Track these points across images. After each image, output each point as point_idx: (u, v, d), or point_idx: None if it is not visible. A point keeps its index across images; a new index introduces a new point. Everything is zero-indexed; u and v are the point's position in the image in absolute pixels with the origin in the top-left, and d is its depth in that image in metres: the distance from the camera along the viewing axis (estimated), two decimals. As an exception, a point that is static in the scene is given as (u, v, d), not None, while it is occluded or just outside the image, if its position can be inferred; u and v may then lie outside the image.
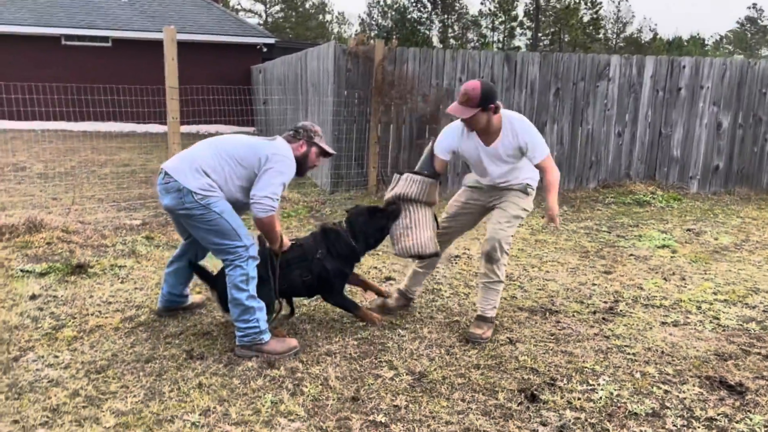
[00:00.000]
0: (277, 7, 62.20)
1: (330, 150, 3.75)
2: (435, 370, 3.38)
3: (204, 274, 3.79)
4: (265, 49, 19.33)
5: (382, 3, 61.16)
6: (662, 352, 3.72)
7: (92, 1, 19.16)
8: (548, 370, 3.42)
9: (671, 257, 5.83)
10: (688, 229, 7.02)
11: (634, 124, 9.13)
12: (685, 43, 58.95)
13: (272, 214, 3.40)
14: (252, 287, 3.43)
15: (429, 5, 60.42)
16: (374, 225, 3.92)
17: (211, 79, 15.61)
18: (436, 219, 4.04)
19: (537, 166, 3.81)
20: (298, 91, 10.99)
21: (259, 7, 61.83)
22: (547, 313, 4.32)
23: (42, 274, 4.72)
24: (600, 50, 52.60)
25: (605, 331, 4.01)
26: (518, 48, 57.32)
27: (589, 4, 56.49)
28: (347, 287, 4.22)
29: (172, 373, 3.25)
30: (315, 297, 4.17)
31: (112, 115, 15.93)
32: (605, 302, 4.57)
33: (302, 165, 3.64)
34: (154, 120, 14.30)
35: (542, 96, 8.86)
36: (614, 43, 60.89)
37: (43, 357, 3.40)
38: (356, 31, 63.51)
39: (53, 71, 16.78)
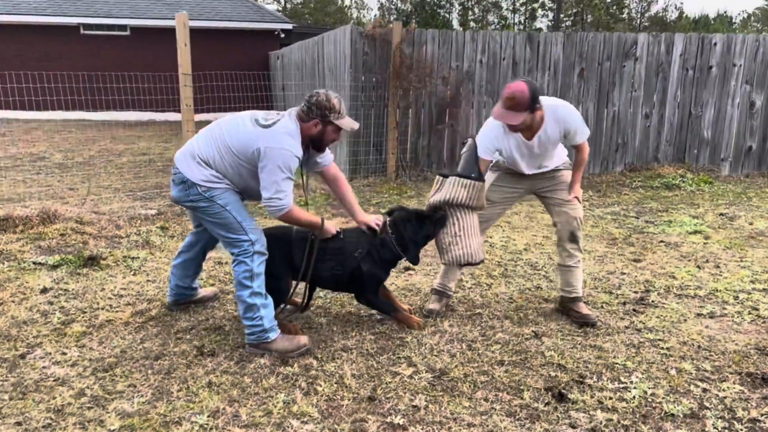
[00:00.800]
0: (296, -7, 61.90)
1: (348, 126, 3.36)
2: (456, 366, 3.21)
3: None
4: (282, 35, 19.15)
5: (401, -14, 60.53)
6: (699, 346, 3.50)
7: (110, -10, 19.11)
8: (576, 367, 3.22)
9: (704, 244, 5.57)
10: (721, 214, 6.72)
11: (662, 104, 8.79)
12: (712, 22, 57.42)
13: (286, 211, 3.21)
14: (257, 284, 3.25)
15: (448, -13, 59.60)
16: (422, 233, 3.64)
17: (229, 65, 15.46)
18: None
19: (574, 146, 3.72)
20: (315, 76, 10.81)
21: (278, -7, 61.66)
22: (574, 305, 4.11)
23: (54, 267, 4.63)
24: (624, 30, 51.46)
25: (636, 324, 3.80)
26: (540, 30, 56.39)
27: (612, -17, 55.22)
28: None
29: (181, 371, 3.12)
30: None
31: (131, 103, 15.93)
32: (635, 292, 4.35)
33: (319, 143, 3.37)
34: (172, 108, 14.21)
35: (566, 77, 8.57)
36: (638, 22, 59.50)
37: (50, 354, 3.30)
38: (375, 15, 62.99)
39: (72, 61, 16.82)
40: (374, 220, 3.64)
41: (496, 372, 3.16)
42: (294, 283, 3.55)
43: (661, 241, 5.66)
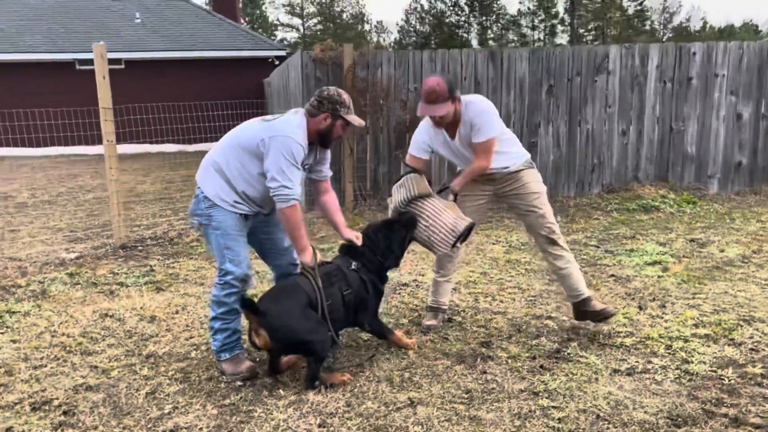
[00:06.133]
0: (315, 20, 62.28)
1: (356, 122, 3.41)
2: (291, 450, 2.70)
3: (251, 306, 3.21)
4: (277, 62, 18.98)
5: (419, 9, 60.53)
6: (598, 416, 2.92)
7: (104, 25, 19.26)
8: (436, 448, 2.68)
9: (658, 277, 4.95)
10: (692, 240, 6.07)
11: (640, 120, 8.17)
12: (738, 30, 56.06)
13: (294, 204, 3.23)
14: (219, 311, 3.40)
15: (466, 8, 59.42)
16: (395, 237, 3.65)
17: (225, 94, 15.28)
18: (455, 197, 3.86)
19: (473, 147, 3.70)
20: (285, 101, 10.50)
21: (297, 21, 62.16)
22: (477, 360, 3.56)
23: (-77, 325, 4.27)
24: (646, 42, 50.51)
25: (536, 385, 3.23)
26: (560, 45, 55.64)
27: (631, -5, 54.40)
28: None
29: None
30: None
31: (128, 135, 15.81)
32: (554, 342, 3.78)
33: (326, 138, 3.43)
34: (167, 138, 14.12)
35: (533, 95, 8.03)
36: (662, 34, 58.35)
37: None
38: (395, 38, 62.96)
39: (68, 96, 16.87)
40: (357, 234, 3.69)
41: (336, 456, 2.64)
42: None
43: (612, 275, 5.06)
